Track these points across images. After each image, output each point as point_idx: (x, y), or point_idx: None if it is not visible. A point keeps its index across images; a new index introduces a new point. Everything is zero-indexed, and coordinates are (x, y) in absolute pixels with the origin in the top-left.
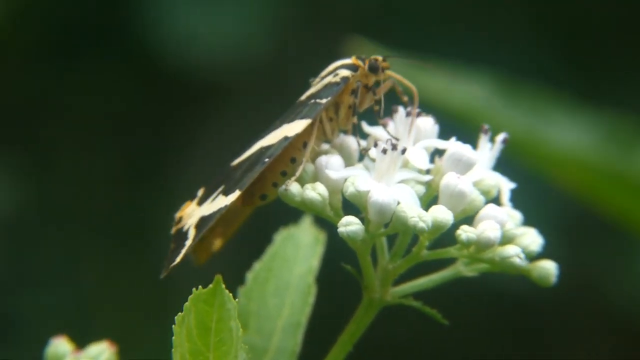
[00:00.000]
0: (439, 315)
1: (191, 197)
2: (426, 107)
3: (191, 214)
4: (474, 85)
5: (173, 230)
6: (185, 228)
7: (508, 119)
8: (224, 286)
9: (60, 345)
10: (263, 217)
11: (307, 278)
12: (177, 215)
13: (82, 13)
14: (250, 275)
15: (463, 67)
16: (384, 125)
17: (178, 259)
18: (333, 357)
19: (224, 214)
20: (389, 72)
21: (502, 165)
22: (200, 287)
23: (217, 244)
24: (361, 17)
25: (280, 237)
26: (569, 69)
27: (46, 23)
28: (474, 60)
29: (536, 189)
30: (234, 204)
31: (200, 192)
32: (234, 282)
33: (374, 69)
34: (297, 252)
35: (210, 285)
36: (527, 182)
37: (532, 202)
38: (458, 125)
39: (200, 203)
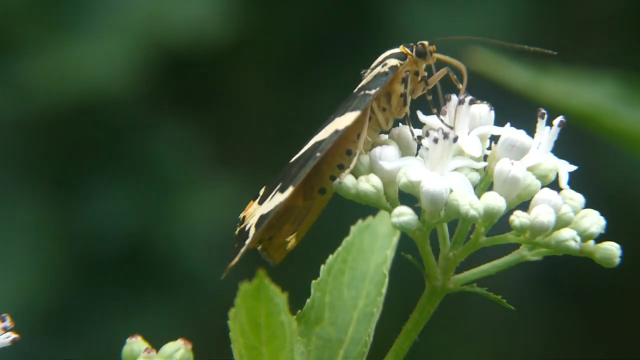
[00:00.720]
0: (504, 301)
1: (254, 196)
2: (549, 110)
3: (253, 213)
4: (599, 87)
5: (237, 230)
6: (247, 228)
7: (634, 119)
8: (267, 280)
9: (136, 344)
10: (338, 210)
11: (382, 268)
12: (241, 215)
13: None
14: (323, 268)
15: (585, 67)
16: (442, 113)
17: (236, 259)
18: (398, 346)
19: (290, 212)
20: (437, 55)
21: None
22: (246, 281)
23: (292, 242)
24: None
25: (357, 228)
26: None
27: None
28: (597, 61)
29: None
30: (292, 200)
31: (262, 191)
32: (312, 276)
33: (421, 54)
34: (375, 243)
35: (255, 280)
36: None
37: None
38: (582, 128)
39: (261, 202)
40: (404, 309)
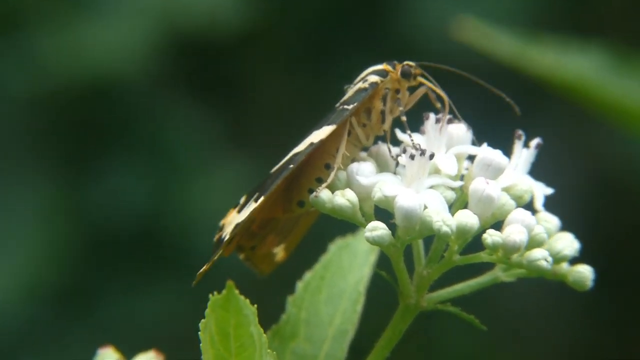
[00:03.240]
0: (477, 321)
1: (234, 204)
2: (537, 82)
3: (231, 221)
4: (586, 57)
5: (215, 237)
6: (224, 235)
7: (623, 89)
8: (237, 292)
9: (107, 354)
10: (317, 228)
11: (358, 286)
12: (221, 222)
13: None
14: (300, 285)
15: (574, 38)
16: (421, 132)
17: (205, 267)
18: None
19: (274, 223)
20: (421, 80)
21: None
22: (216, 292)
23: (280, 255)
24: None
25: (336, 246)
26: None
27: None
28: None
29: None
30: (271, 212)
31: (242, 200)
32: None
33: (406, 74)
34: (354, 261)
35: (224, 291)
36: None
37: None
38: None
39: (239, 210)
40: (380, 326)
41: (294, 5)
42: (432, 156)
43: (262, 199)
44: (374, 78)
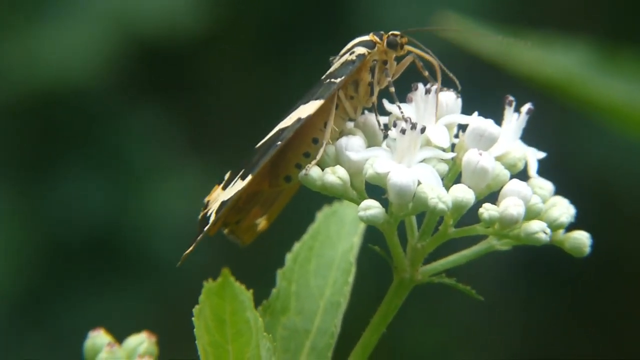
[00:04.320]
0: (473, 292)
1: (219, 180)
2: (521, 79)
3: (216, 198)
4: (570, 54)
5: (200, 215)
6: (209, 213)
7: (606, 86)
8: (232, 279)
9: (98, 337)
10: (303, 195)
11: (348, 256)
12: (206, 199)
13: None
14: (289, 257)
15: (557, 35)
16: (408, 101)
17: (192, 247)
18: (366, 339)
19: (259, 196)
20: (408, 48)
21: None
22: (210, 280)
23: (262, 224)
24: None
25: (323, 214)
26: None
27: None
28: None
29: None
30: (257, 186)
31: (227, 176)
32: (278, 264)
33: (392, 45)
34: (341, 229)
35: (220, 278)
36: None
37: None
38: (554, 96)
39: (225, 187)
40: (373, 299)
41: (253, 5)
42: (423, 129)
43: (249, 176)
44: (361, 50)
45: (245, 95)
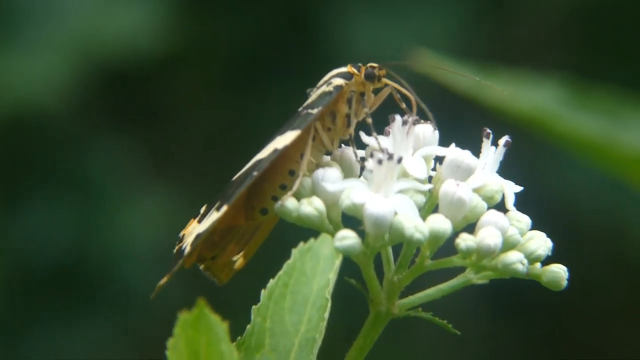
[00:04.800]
0: (449, 326)
1: (195, 214)
2: (495, 114)
3: (192, 232)
4: (543, 90)
5: (175, 249)
6: (184, 246)
7: (580, 122)
8: (208, 310)
9: None
10: (280, 232)
11: (324, 292)
12: (181, 233)
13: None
14: (264, 293)
15: (531, 72)
16: (386, 134)
17: (166, 278)
18: None
19: (235, 231)
20: (385, 80)
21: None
22: (185, 311)
23: (239, 262)
24: None
25: (299, 250)
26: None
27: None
28: (542, 65)
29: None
30: (233, 220)
31: (202, 210)
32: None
33: (370, 77)
34: (317, 266)
35: (195, 310)
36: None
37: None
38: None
39: (200, 220)
40: (348, 334)
41: (221, 31)
42: (400, 160)
43: (225, 207)
44: (339, 81)
45: (210, 121)
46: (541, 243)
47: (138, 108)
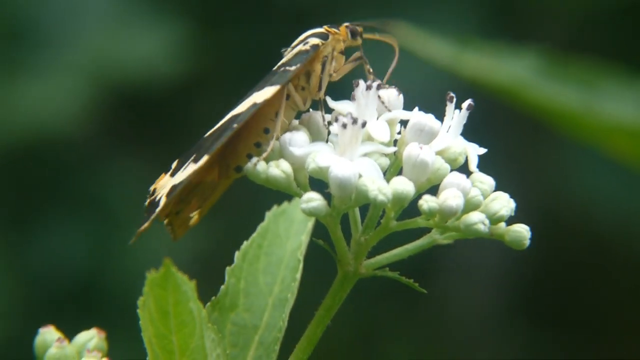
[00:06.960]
0: (416, 285)
1: (166, 169)
2: (473, 86)
3: (164, 185)
4: (521, 61)
5: (147, 202)
6: (158, 198)
7: (557, 92)
8: (175, 269)
9: (48, 333)
10: (253, 195)
11: (296, 254)
12: (152, 187)
13: None
14: (238, 254)
15: (508, 43)
16: (351, 99)
17: (146, 224)
18: (311, 331)
19: (200, 187)
20: (368, 35)
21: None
22: (153, 270)
23: (195, 218)
24: None
25: (272, 213)
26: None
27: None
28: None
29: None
30: (208, 174)
31: (174, 165)
32: (226, 262)
33: (354, 34)
34: (290, 228)
35: (161, 269)
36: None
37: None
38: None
39: (173, 174)
40: (321, 294)
41: (234, 51)
42: (364, 124)
43: (205, 157)
44: (315, 40)
45: None
46: (504, 203)
47: (154, 132)
